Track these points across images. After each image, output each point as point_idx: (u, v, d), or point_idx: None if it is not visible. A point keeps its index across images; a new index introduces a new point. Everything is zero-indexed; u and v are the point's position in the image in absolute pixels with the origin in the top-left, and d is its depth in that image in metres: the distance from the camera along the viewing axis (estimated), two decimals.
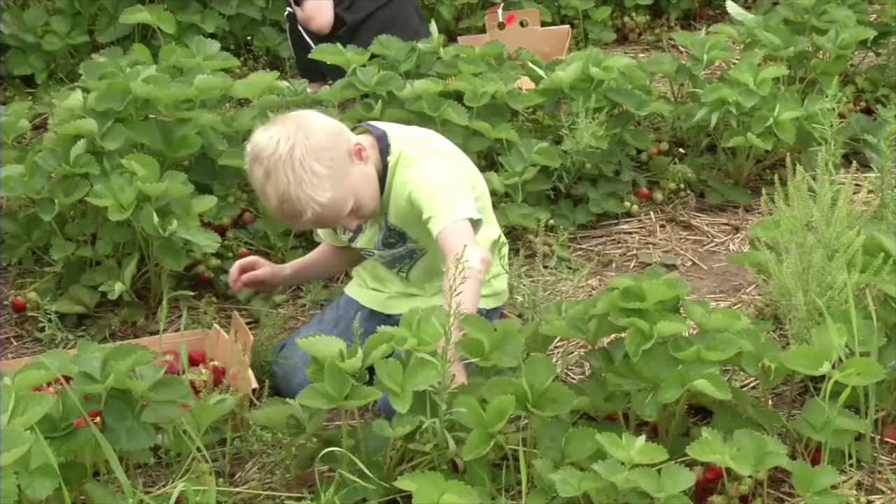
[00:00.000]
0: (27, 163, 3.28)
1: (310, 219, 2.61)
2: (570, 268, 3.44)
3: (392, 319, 2.71)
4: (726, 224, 3.85)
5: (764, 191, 2.98)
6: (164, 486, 2.45)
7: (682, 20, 5.95)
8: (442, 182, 2.67)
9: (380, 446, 2.41)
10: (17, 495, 1.94)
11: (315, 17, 4.57)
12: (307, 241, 3.56)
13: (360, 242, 2.86)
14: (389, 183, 2.73)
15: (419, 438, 2.34)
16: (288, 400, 2.48)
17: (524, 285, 3.04)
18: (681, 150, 4.18)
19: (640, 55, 5.30)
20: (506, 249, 2.89)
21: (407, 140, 2.77)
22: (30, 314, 3.26)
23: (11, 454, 1.96)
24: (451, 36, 5.33)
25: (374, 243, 2.84)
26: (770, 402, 2.65)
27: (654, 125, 4.28)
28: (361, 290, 2.98)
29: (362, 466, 2.28)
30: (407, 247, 2.83)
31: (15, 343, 3.25)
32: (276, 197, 2.57)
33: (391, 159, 2.72)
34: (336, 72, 4.04)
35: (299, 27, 4.67)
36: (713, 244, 3.74)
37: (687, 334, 2.48)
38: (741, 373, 2.68)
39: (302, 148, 2.55)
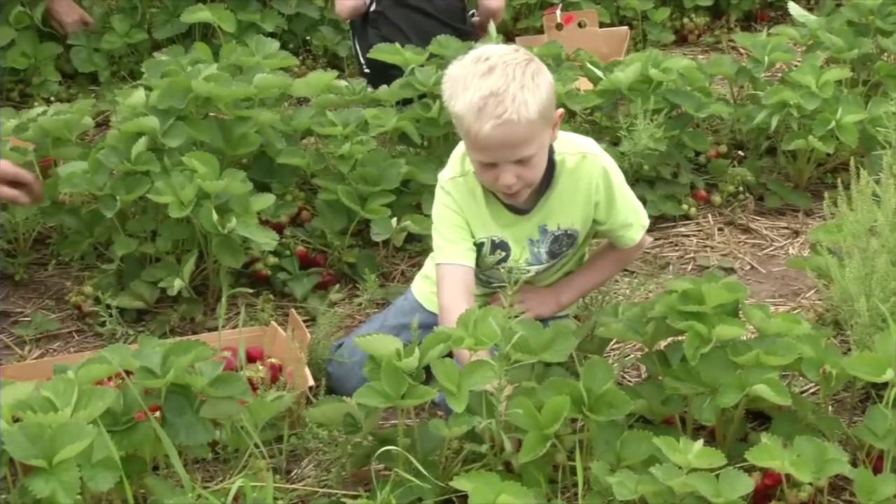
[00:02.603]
0: (90, 160, 3.32)
1: (501, 125, 2.42)
2: (627, 270, 3.43)
3: None
4: (786, 228, 3.81)
5: (826, 194, 2.94)
6: (221, 481, 2.47)
7: (742, 21, 5.89)
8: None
9: (435, 446, 2.41)
10: (79, 487, 1.96)
11: (337, 1, 4.65)
12: (364, 241, 3.57)
13: (513, 262, 2.71)
14: (557, 181, 2.67)
15: (475, 439, 2.34)
16: (344, 398, 2.49)
17: None
18: (740, 152, 4.15)
19: (700, 57, 5.25)
20: None
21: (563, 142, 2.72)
22: (91, 309, 3.31)
23: (74, 447, 1.98)
24: (508, 36, 5.32)
25: (534, 257, 2.75)
26: (830, 408, 2.62)
27: (713, 127, 4.24)
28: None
29: (418, 466, 2.29)
30: (567, 252, 2.79)
31: (77, 337, 3.30)
32: (490, 89, 2.42)
33: (558, 157, 2.66)
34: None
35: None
36: (772, 248, 3.70)
37: (746, 338, 2.45)
38: (801, 378, 2.65)
39: (538, 66, 2.50)
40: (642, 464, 2.23)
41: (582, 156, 2.68)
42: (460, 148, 2.69)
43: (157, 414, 2.26)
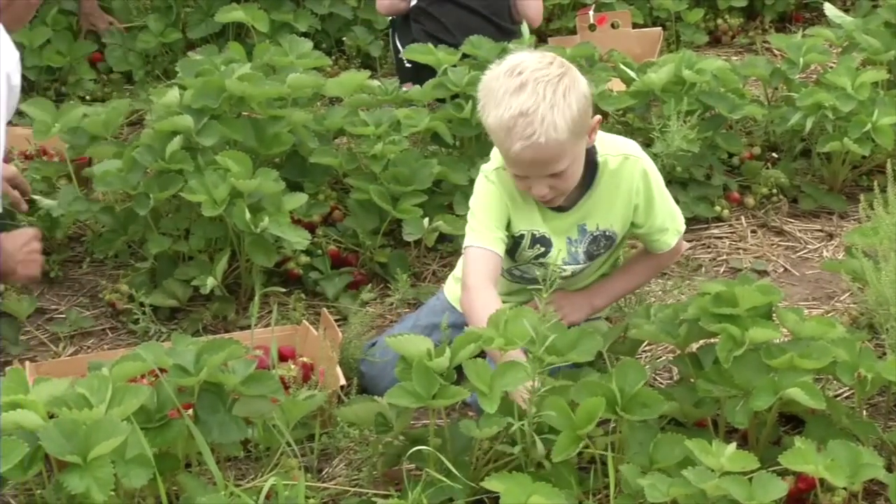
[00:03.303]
0: (125, 158, 3.34)
1: (529, 147, 2.43)
2: None
3: None
4: (820, 230, 3.78)
5: (861, 197, 2.92)
6: (252, 479, 2.48)
7: (776, 22, 5.85)
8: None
9: (466, 446, 2.41)
10: (113, 484, 1.98)
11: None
12: (395, 241, 3.58)
13: (551, 258, 2.71)
14: (598, 182, 2.67)
15: (506, 440, 2.34)
16: (376, 398, 2.50)
17: None
18: (774, 154, 4.12)
19: (733, 58, 5.22)
20: None
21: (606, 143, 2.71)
22: (124, 307, 3.33)
23: (109, 444, 2.00)
24: (541, 37, 5.31)
25: (571, 257, 2.74)
26: (865, 412, 2.60)
27: (746, 129, 4.22)
28: None
29: (450, 466, 2.28)
30: (604, 254, 2.78)
31: (110, 335, 3.32)
32: (519, 108, 2.41)
33: (600, 158, 2.66)
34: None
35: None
36: (806, 250, 3.67)
37: (779, 341, 2.44)
38: (835, 382, 2.63)
39: (571, 81, 2.48)
40: (675, 466, 2.22)
41: (624, 157, 2.67)
42: None
43: (190, 412, 2.27)
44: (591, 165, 2.64)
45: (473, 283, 2.61)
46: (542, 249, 2.72)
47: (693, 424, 2.52)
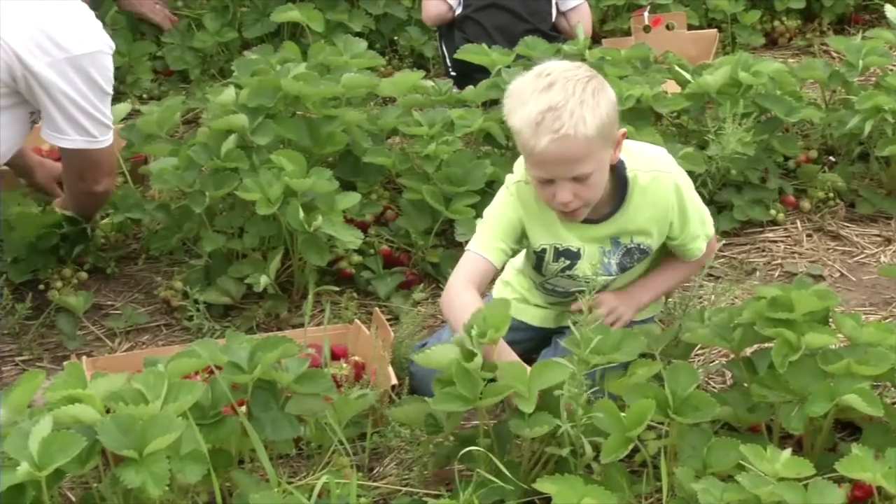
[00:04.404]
0: (181, 156, 3.38)
1: (557, 141, 2.39)
2: (712, 275, 3.39)
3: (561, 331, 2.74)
4: (878, 235, 3.73)
5: None
6: (304, 477, 2.49)
7: (834, 24, 5.77)
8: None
9: (512, 447, 2.40)
10: (168, 479, 2.00)
11: (424, 7, 4.71)
12: (447, 241, 3.58)
13: (579, 270, 2.70)
14: (630, 197, 2.64)
15: (554, 442, 2.33)
16: (426, 398, 2.50)
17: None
18: (831, 158, 4.07)
19: (790, 60, 5.17)
20: None
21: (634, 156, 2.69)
22: (179, 304, 3.36)
23: (164, 439, 2.01)
24: (595, 38, 5.28)
25: (604, 267, 2.70)
26: None
27: (803, 132, 4.17)
28: (526, 307, 2.90)
29: (501, 466, 2.28)
30: (637, 265, 2.77)
31: (164, 331, 3.35)
32: (548, 103, 2.39)
33: (629, 174, 2.63)
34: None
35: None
36: (863, 255, 3.62)
37: (836, 347, 2.41)
38: (892, 389, 2.60)
39: (599, 84, 2.47)
40: (729, 471, 2.20)
41: (655, 175, 2.64)
42: None
43: (244, 409, 2.29)
44: (622, 181, 2.62)
45: (456, 284, 2.63)
46: (568, 262, 2.71)
47: (746, 430, 2.50)
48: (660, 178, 2.64)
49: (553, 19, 4.70)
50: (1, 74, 2.94)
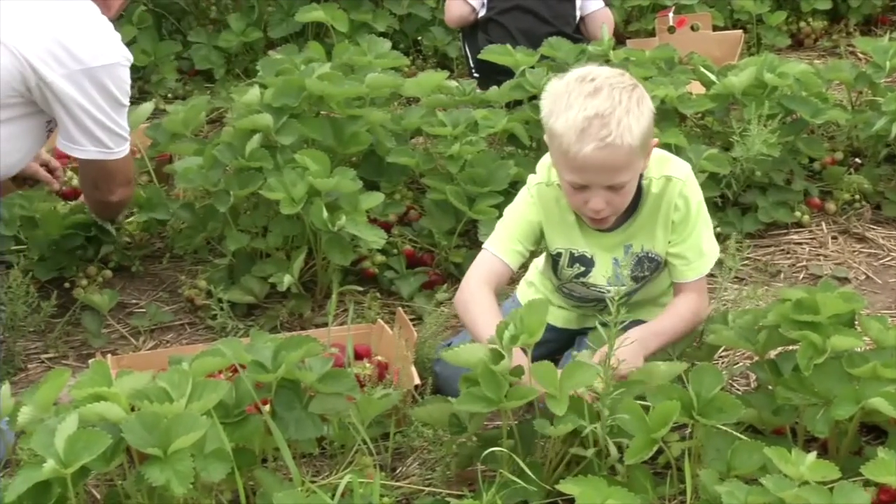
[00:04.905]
0: (206, 155, 3.39)
1: (603, 149, 2.38)
2: (737, 277, 3.37)
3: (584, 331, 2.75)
4: None
5: None
6: (327, 476, 2.49)
7: (861, 25, 5.74)
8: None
9: (536, 448, 2.40)
10: (192, 477, 2.00)
11: (446, 9, 4.73)
12: (471, 241, 3.58)
13: (593, 279, 2.70)
14: (643, 206, 2.62)
15: (578, 443, 2.32)
16: (450, 398, 2.50)
17: None
18: (857, 160, 4.04)
19: (816, 61, 5.15)
20: None
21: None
22: (203, 302, 3.38)
23: (189, 437, 2.02)
24: (619, 39, 5.27)
25: (617, 279, 2.67)
26: None
27: (828, 134, 4.14)
28: (550, 308, 2.88)
29: (524, 467, 2.28)
30: (650, 277, 2.74)
31: (188, 329, 3.37)
32: (595, 110, 2.37)
33: (645, 181, 2.61)
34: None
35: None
36: (889, 258, 3.60)
37: (862, 350, 2.39)
38: None
39: (642, 93, 2.46)
40: (754, 474, 2.19)
41: (666, 179, 2.62)
42: (548, 157, 2.65)
43: (268, 408, 2.29)
44: (637, 189, 2.60)
45: (471, 283, 2.64)
46: (582, 269, 2.70)
47: (771, 432, 2.49)
48: (671, 181, 2.62)
49: (576, 22, 4.69)
50: (15, 84, 2.90)
